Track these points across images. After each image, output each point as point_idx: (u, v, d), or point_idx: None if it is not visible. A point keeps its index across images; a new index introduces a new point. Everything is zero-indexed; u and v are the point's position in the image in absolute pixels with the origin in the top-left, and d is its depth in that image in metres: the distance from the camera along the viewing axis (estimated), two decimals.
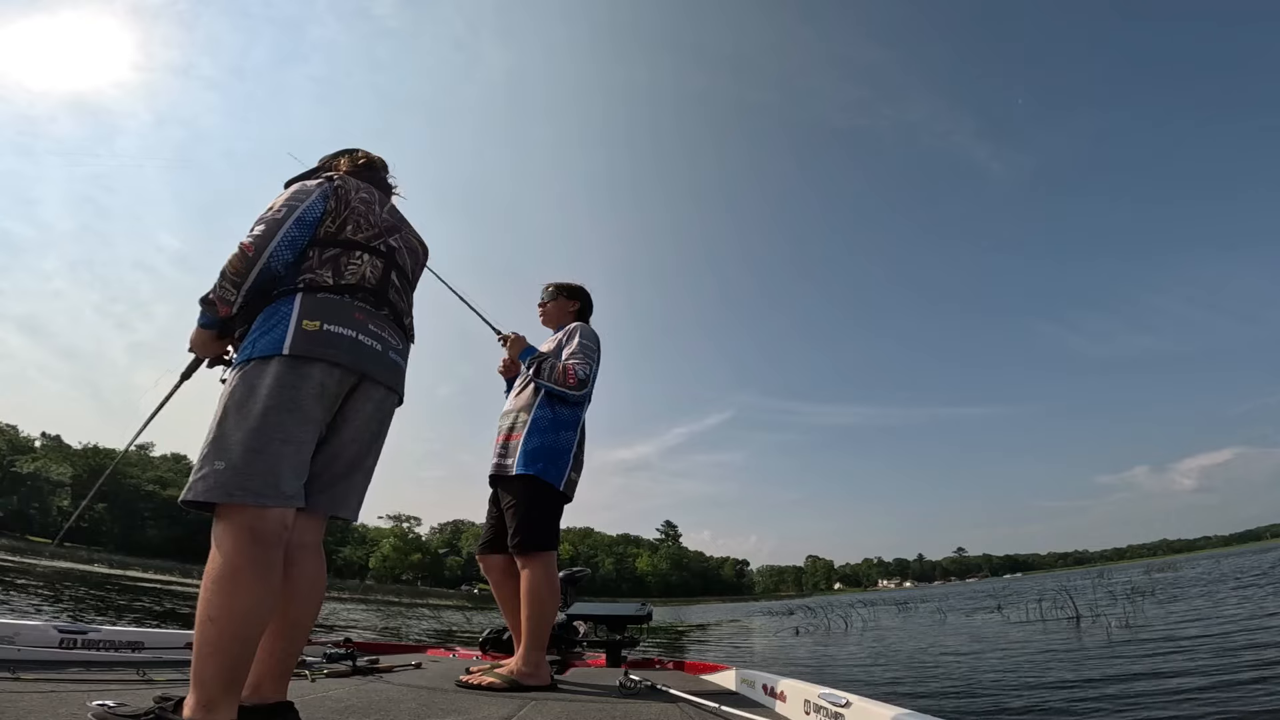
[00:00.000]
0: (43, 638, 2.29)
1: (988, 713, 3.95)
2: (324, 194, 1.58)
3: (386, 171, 1.91)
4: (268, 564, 1.26)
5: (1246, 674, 4.26)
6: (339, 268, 1.51)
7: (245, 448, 1.28)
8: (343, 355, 1.43)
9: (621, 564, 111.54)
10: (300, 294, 1.45)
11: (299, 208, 1.52)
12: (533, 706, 1.89)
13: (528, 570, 2.42)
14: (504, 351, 2.84)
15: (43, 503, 57.82)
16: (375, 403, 1.54)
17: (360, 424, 1.51)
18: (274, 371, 1.35)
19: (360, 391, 1.49)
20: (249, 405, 1.32)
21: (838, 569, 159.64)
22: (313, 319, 1.41)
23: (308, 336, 1.39)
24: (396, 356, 1.59)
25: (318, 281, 1.47)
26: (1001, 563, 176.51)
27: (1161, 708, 3.64)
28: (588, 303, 3.01)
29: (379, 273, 1.58)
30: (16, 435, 63.86)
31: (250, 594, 1.22)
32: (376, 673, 2.58)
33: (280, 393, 1.33)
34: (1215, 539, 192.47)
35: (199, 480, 1.27)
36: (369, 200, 1.67)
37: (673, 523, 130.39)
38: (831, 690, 1.78)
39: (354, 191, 1.64)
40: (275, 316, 1.42)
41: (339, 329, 1.43)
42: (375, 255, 1.59)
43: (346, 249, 1.55)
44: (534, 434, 2.54)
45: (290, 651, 1.41)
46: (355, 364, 1.45)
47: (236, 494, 1.25)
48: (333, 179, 1.64)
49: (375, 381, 1.52)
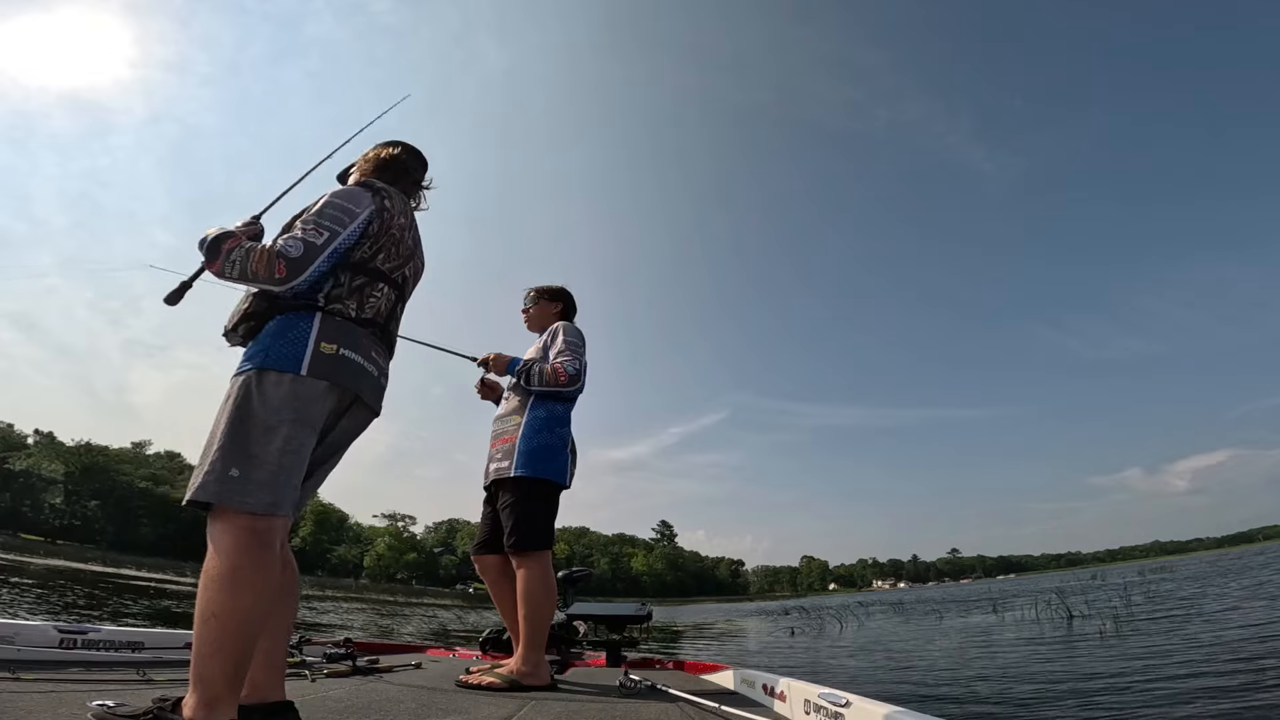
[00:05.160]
0: (42, 637, 2.29)
1: (987, 713, 3.97)
2: (369, 217, 1.58)
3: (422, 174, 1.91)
4: (268, 564, 1.29)
5: (1243, 675, 4.29)
6: (363, 300, 1.54)
7: (263, 460, 1.31)
8: (348, 379, 1.48)
9: (617, 564, 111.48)
10: (320, 314, 1.47)
11: (340, 235, 1.50)
12: (533, 706, 1.90)
13: (524, 570, 2.43)
14: (479, 373, 2.83)
15: (35, 500, 57.45)
16: (356, 421, 1.61)
17: (337, 437, 1.58)
18: (292, 389, 1.38)
19: (350, 411, 1.56)
20: (268, 418, 1.34)
21: (833, 569, 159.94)
22: (330, 342, 1.45)
23: (325, 360, 1.43)
24: (384, 379, 1.65)
25: (342, 311, 1.50)
26: (995, 564, 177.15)
27: (1161, 708, 3.66)
28: (570, 304, 3.03)
29: (390, 306, 1.63)
30: (10, 432, 63.39)
31: (252, 592, 1.24)
32: (376, 673, 2.58)
33: (298, 409, 1.38)
34: (1208, 540, 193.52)
35: (212, 482, 1.27)
36: (405, 226, 1.69)
37: (668, 522, 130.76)
38: (831, 690, 1.79)
39: (396, 216, 1.65)
40: (294, 332, 1.43)
41: (351, 354, 1.49)
42: (392, 287, 1.63)
43: (373, 279, 1.58)
44: (529, 436, 2.56)
45: (280, 651, 1.44)
46: (356, 387, 1.51)
47: (250, 502, 1.28)
48: (383, 197, 1.64)
49: (364, 403, 1.57)
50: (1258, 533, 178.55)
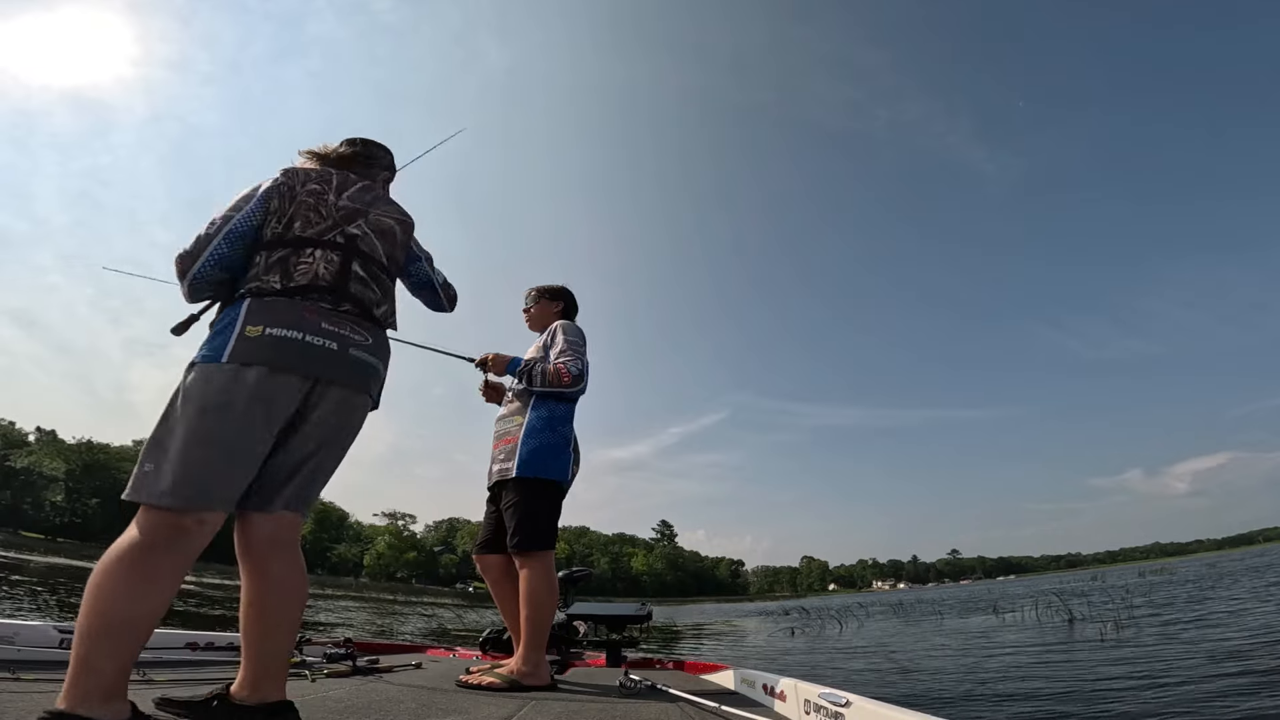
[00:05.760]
0: (42, 637, 2.28)
1: (986, 713, 3.97)
2: (265, 196, 1.53)
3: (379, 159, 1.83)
4: (158, 564, 1.24)
5: (1242, 676, 4.28)
6: (287, 269, 1.46)
7: (171, 453, 1.27)
8: (285, 358, 1.38)
9: (617, 563, 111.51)
10: (248, 300, 1.43)
11: (234, 219, 1.49)
12: (533, 706, 1.90)
13: (526, 570, 2.42)
14: (481, 376, 2.83)
15: (36, 498, 57.50)
16: (333, 404, 1.47)
17: (313, 426, 1.45)
18: (212, 378, 1.33)
19: (315, 393, 1.44)
20: (185, 411, 1.31)
21: (832, 570, 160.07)
22: (256, 324, 1.38)
23: (247, 343, 1.36)
24: (362, 353, 1.51)
25: (265, 287, 1.44)
26: (995, 565, 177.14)
27: (1158, 708, 3.66)
28: (571, 303, 3.01)
29: (335, 267, 1.50)
30: (11, 430, 63.45)
31: (130, 586, 1.21)
32: (376, 672, 2.58)
33: (216, 398, 1.31)
34: (1208, 542, 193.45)
35: (133, 479, 1.28)
36: (320, 190, 1.58)
37: (668, 522, 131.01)
38: (831, 690, 1.78)
39: (301, 185, 1.57)
40: (224, 322, 1.41)
41: (283, 332, 1.39)
42: (330, 249, 1.52)
43: (296, 248, 1.49)
44: (532, 435, 2.55)
45: (273, 651, 1.39)
46: (303, 367, 1.40)
47: (157, 496, 1.24)
48: (286, 173, 1.60)
49: (332, 383, 1.46)
50: (1258, 535, 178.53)
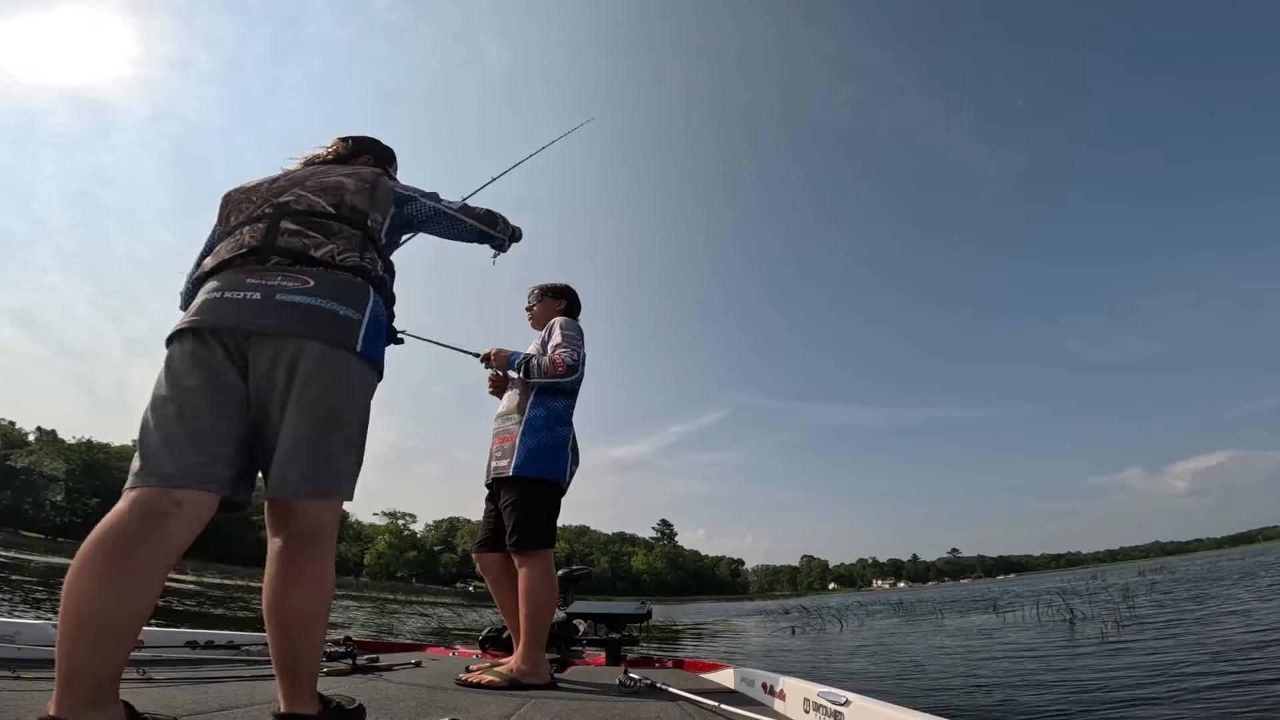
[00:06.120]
0: (43, 636, 2.28)
1: (986, 713, 3.97)
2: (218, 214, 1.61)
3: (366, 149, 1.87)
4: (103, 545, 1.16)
5: (1242, 676, 4.29)
6: (219, 254, 1.46)
7: (139, 439, 1.26)
8: (202, 319, 1.29)
9: (617, 562, 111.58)
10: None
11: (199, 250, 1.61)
12: (533, 705, 1.90)
13: (525, 569, 2.42)
14: (483, 372, 2.85)
15: (36, 498, 57.50)
16: (274, 356, 1.29)
17: (262, 388, 1.29)
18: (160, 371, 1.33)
19: (252, 349, 1.29)
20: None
21: (833, 569, 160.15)
22: (185, 306, 1.47)
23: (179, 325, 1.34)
24: (296, 296, 1.34)
25: (198, 273, 1.47)
26: (995, 564, 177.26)
27: (1159, 708, 3.66)
28: (574, 301, 3.02)
29: (260, 232, 1.45)
30: (11, 430, 63.44)
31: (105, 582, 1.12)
32: (376, 671, 2.58)
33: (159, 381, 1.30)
34: (1208, 541, 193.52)
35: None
36: (255, 185, 1.61)
37: (668, 521, 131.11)
38: (831, 689, 1.78)
39: (238, 190, 1.62)
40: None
41: (202, 298, 1.36)
42: (258, 221, 1.49)
43: (229, 235, 1.51)
44: (530, 434, 2.55)
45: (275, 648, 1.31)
46: (213, 317, 1.29)
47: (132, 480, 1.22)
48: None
49: (264, 335, 1.29)
50: (1258, 533, 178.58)
